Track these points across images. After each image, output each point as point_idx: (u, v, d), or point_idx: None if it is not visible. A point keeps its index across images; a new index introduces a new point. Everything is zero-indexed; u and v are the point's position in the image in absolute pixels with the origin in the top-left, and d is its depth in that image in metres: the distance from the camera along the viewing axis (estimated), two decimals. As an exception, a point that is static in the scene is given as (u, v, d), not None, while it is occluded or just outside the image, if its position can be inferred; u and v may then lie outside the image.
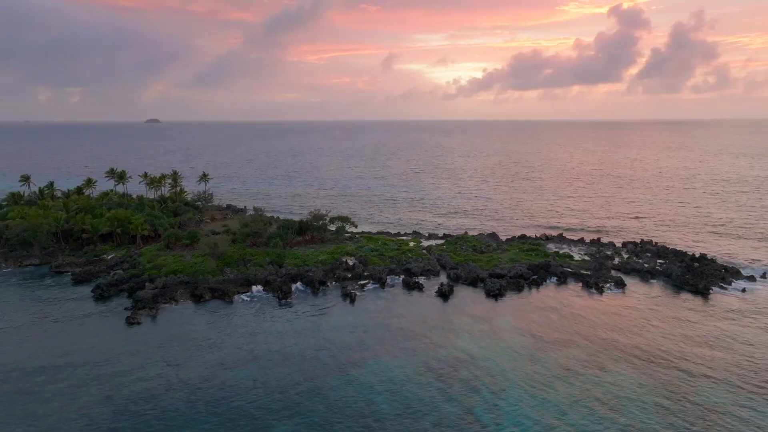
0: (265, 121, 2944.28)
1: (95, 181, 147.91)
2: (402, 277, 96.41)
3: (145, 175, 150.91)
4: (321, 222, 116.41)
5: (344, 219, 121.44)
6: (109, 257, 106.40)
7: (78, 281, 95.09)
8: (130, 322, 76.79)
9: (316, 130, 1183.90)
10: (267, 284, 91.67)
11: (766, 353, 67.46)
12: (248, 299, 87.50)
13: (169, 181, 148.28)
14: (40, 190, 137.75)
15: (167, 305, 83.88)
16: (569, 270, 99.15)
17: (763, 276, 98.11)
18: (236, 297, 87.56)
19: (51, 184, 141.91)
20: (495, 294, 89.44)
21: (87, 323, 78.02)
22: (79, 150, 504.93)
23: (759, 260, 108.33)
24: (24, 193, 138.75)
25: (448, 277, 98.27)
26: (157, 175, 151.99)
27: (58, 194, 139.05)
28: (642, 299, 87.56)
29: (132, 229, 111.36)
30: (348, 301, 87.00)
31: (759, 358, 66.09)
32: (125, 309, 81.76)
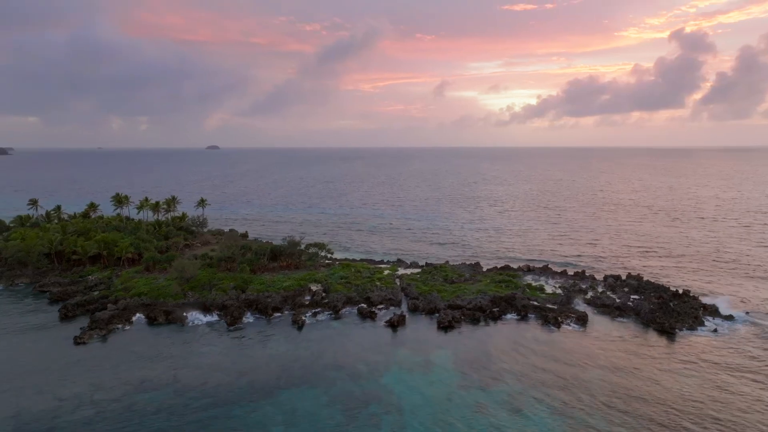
0: (318, 148, 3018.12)
1: (98, 206, 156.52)
2: (357, 306, 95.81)
3: (146, 200, 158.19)
4: (296, 248, 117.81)
5: (320, 246, 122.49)
6: (91, 278, 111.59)
7: (54, 300, 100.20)
8: (77, 342, 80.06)
9: (364, 156, 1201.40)
10: (223, 309, 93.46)
11: (674, 412, 61.98)
12: (200, 323, 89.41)
13: (164, 206, 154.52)
14: (47, 213, 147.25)
15: (121, 327, 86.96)
16: (535, 303, 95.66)
17: (747, 313, 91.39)
18: (188, 321, 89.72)
19: (58, 207, 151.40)
20: (446, 326, 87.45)
21: (37, 341, 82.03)
22: (131, 174, 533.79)
23: (752, 299, 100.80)
24: (33, 215, 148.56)
25: (408, 307, 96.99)
26: (155, 201, 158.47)
27: (65, 217, 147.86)
28: (598, 338, 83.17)
29: (117, 252, 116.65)
30: (296, 328, 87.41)
31: (658, 418, 59.82)
32: (80, 329, 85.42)
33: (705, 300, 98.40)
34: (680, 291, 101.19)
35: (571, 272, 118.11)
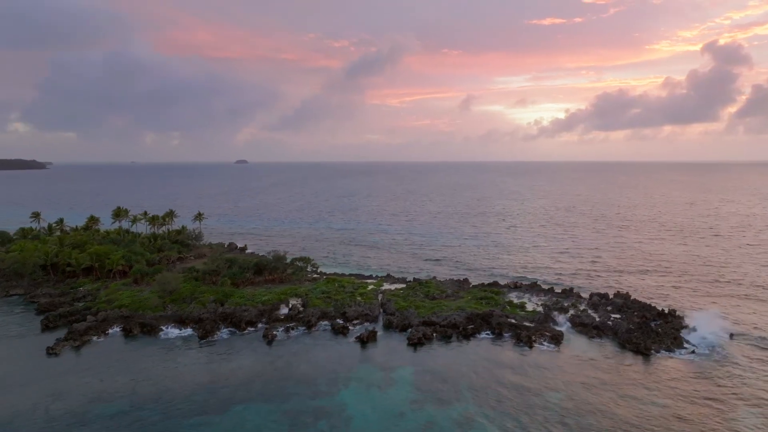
0: (345, 162, 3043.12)
1: (99, 218, 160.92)
2: (331, 321, 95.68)
3: (145, 213, 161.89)
4: (281, 262, 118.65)
5: (305, 260, 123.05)
6: (81, 290, 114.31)
7: (41, 311, 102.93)
8: (49, 352, 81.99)
9: (387, 171, 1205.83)
10: (199, 322, 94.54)
11: None
12: (173, 337, 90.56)
13: (160, 220, 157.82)
14: (49, 226, 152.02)
15: (96, 338, 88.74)
16: (512, 321, 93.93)
17: (732, 336, 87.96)
18: (163, 334, 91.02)
19: (60, 220, 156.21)
20: (415, 343, 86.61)
21: (12, 350, 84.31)
22: (155, 187, 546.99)
23: (743, 321, 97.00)
24: (37, 228, 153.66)
25: (383, 323, 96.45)
26: (152, 215, 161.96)
27: (67, 229, 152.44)
28: (569, 358, 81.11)
29: (108, 264, 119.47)
30: (266, 343, 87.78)
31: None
32: (56, 339, 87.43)
33: (693, 320, 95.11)
34: (666, 310, 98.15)
35: (559, 290, 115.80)
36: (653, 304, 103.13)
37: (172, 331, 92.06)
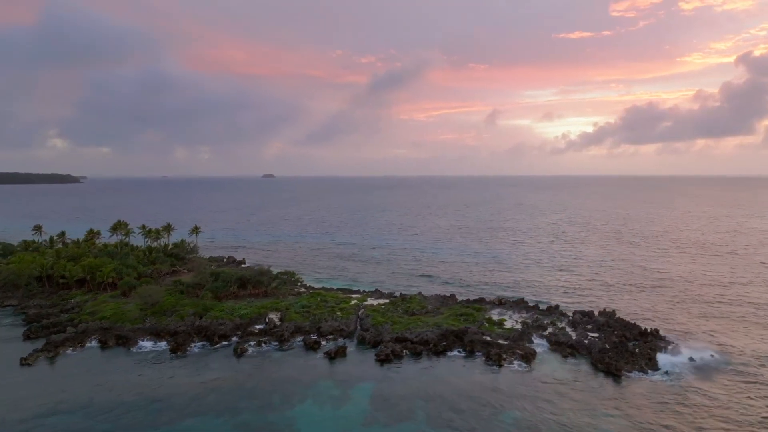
0: (371, 176, 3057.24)
1: (98, 231, 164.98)
2: (304, 336, 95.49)
3: (143, 227, 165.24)
4: (264, 276, 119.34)
5: (290, 274, 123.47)
6: (72, 301, 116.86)
7: (28, 322, 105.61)
8: (22, 363, 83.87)
9: (410, 185, 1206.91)
10: (174, 335, 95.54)
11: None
12: (146, 349, 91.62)
13: (154, 234, 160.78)
14: (51, 238, 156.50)
15: (72, 350, 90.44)
16: (487, 339, 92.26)
17: (712, 356, 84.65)
18: (137, 346, 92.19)
19: (62, 233, 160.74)
20: (383, 359, 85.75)
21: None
22: (176, 200, 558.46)
23: (730, 344, 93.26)
24: (39, 241, 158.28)
25: (357, 338, 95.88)
26: (154, 228, 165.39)
27: (68, 242, 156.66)
28: (536, 378, 79.10)
29: (99, 277, 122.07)
30: (235, 357, 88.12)
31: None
32: (34, 350, 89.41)
33: (677, 341, 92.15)
34: (650, 330, 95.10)
35: (545, 307, 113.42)
36: (639, 324, 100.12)
37: (146, 344, 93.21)
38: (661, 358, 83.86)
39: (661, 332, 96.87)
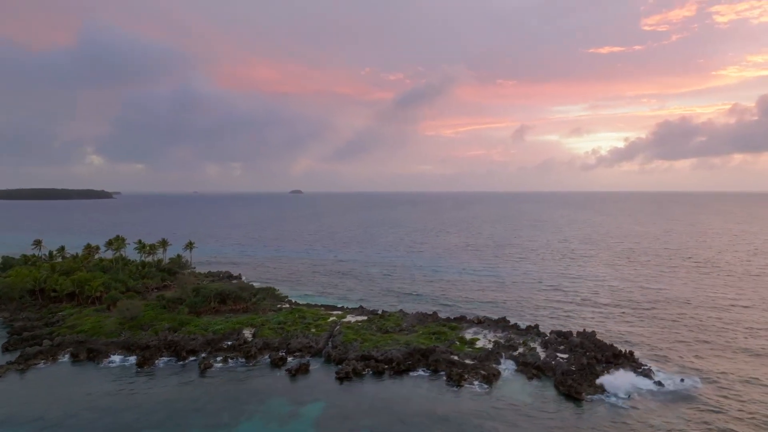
0: (397, 192, 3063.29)
1: (96, 246, 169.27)
2: (270, 353, 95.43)
3: (139, 242, 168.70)
4: (244, 292, 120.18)
5: (270, 290, 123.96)
6: (61, 314, 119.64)
7: (12, 334, 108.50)
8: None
9: (435, 201, 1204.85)
10: (145, 349, 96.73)
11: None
12: (114, 364, 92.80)
13: (148, 249, 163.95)
14: (50, 253, 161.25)
15: (44, 363, 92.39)
16: (454, 358, 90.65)
17: (682, 381, 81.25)
18: (107, 360, 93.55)
19: (62, 247, 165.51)
20: (343, 377, 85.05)
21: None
22: (196, 215, 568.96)
23: (706, 370, 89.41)
24: (39, 254, 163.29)
25: (324, 355, 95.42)
26: (148, 243, 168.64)
27: (68, 256, 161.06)
28: (492, 400, 77.17)
29: (88, 291, 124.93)
30: (199, 372, 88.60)
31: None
32: (7, 362, 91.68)
33: (652, 364, 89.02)
34: (625, 352, 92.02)
35: (524, 326, 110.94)
36: (619, 345, 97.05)
37: (116, 358, 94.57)
38: (628, 381, 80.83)
39: (639, 354, 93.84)
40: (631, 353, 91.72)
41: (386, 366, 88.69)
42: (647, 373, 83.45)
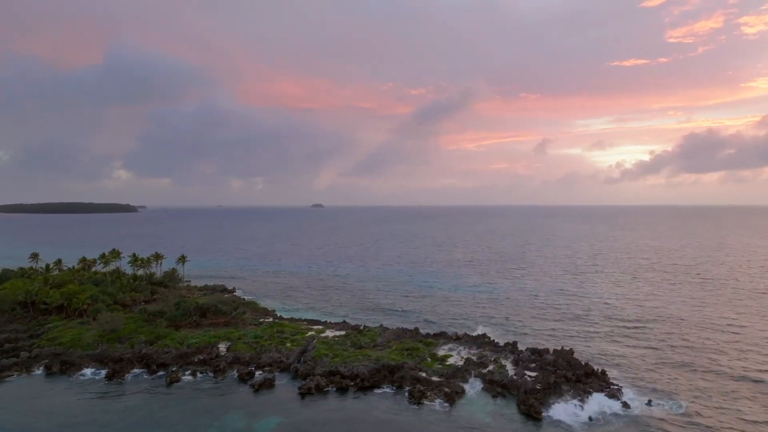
0: (418, 206, 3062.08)
1: (93, 260, 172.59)
2: (238, 367, 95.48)
3: (133, 255, 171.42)
4: (225, 306, 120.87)
5: (251, 304, 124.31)
6: (48, 326, 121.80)
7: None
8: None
9: (454, 215, 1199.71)
10: (118, 362, 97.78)
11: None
12: (87, 376, 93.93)
13: (139, 262, 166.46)
14: (47, 266, 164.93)
15: (18, 375, 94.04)
16: (422, 375, 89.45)
17: (648, 403, 78.62)
18: (79, 373, 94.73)
19: (59, 260, 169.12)
20: (305, 393, 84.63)
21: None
22: (214, 229, 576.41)
23: (681, 392, 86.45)
24: (36, 267, 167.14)
25: (291, 370, 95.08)
26: (142, 257, 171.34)
27: (65, 269, 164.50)
28: (448, 418, 75.77)
29: (75, 303, 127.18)
30: (166, 386, 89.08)
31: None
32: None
33: (623, 384, 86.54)
34: (597, 371, 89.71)
35: (502, 342, 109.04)
36: (597, 365, 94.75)
37: (88, 371, 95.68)
38: (594, 401, 78.70)
39: (615, 374, 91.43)
40: (604, 372, 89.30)
41: (351, 382, 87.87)
42: (615, 394, 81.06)
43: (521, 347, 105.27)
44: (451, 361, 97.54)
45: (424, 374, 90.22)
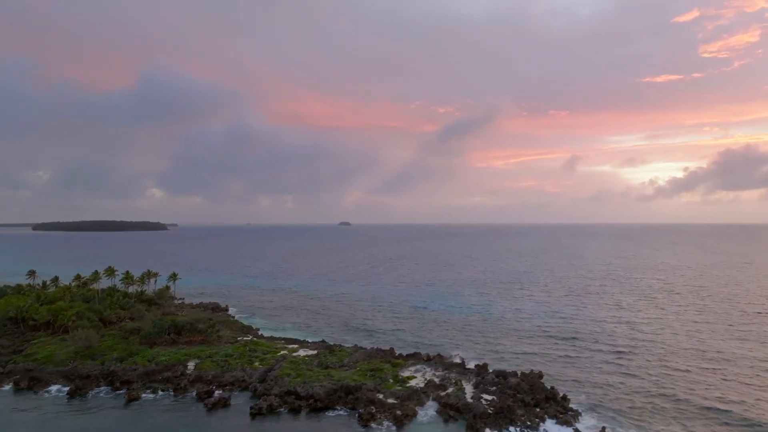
0: (445, 224, 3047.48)
1: (84, 277, 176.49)
2: (197, 386, 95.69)
3: (126, 273, 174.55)
4: (200, 324, 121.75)
5: (229, 322, 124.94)
6: (33, 342, 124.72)
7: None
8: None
9: (478, 233, 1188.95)
10: (86, 379, 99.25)
11: None
12: (51, 393, 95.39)
13: (127, 279, 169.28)
14: (44, 283, 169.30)
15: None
16: (379, 397, 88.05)
17: (603, 429, 75.51)
18: (46, 390, 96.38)
19: (56, 278, 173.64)
20: (255, 413, 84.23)
21: None
22: (231, 248, 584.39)
23: (644, 420, 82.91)
24: (34, 284, 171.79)
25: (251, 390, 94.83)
26: (128, 275, 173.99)
27: (62, 286, 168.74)
28: (391, 441, 74.11)
29: (60, 320, 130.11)
30: (124, 403, 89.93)
31: None
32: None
33: (584, 410, 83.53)
34: (559, 395, 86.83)
35: (472, 365, 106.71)
36: (563, 388, 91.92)
37: (53, 388, 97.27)
38: (544, 427, 76.01)
39: (580, 400, 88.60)
40: (565, 398, 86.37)
41: (305, 403, 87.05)
42: (569, 420, 78.21)
43: (494, 369, 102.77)
44: (413, 382, 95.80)
45: (381, 396, 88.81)
